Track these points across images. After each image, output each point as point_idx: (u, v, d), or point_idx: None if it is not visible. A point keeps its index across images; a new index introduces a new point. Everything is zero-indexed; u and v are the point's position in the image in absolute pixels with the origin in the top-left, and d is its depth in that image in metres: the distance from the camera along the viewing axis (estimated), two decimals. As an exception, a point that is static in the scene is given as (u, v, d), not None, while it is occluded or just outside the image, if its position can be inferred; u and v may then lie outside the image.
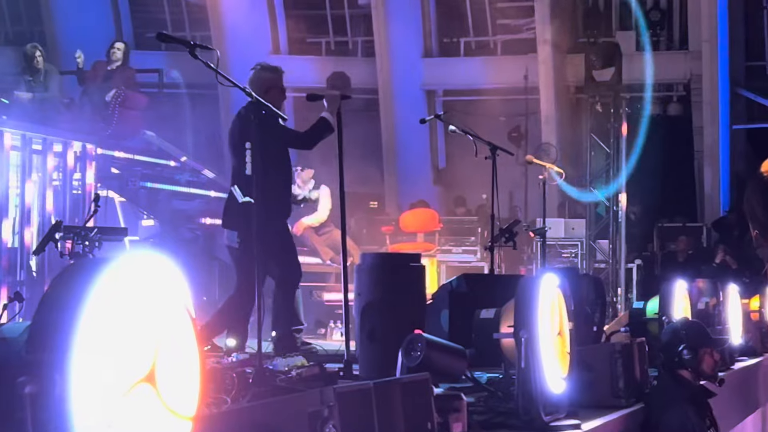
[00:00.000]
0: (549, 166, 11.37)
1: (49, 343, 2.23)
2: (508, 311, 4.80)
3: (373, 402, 3.14)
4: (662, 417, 5.67)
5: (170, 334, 2.51)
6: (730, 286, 8.89)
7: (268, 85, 7.68)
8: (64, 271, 2.35)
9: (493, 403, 5.00)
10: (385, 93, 19.48)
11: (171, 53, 17.20)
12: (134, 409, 2.37)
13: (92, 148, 11.16)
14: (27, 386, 2.18)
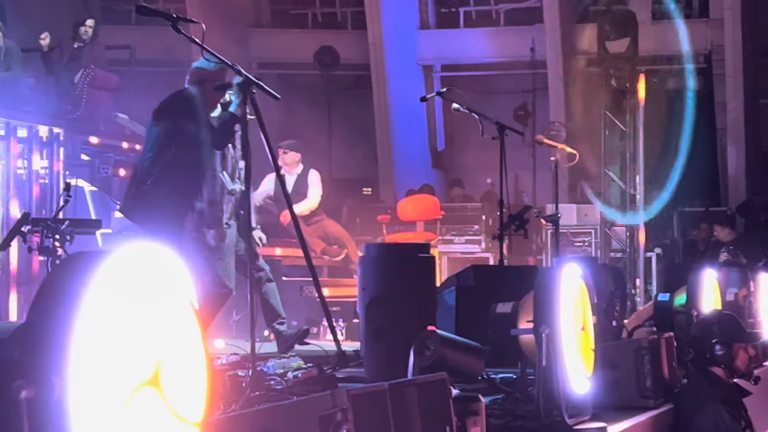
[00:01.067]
0: (561, 147, 11.40)
1: (45, 344, 2.24)
2: (527, 305, 4.83)
3: (388, 404, 3.16)
4: (694, 418, 5.70)
5: (175, 333, 2.53)
6: (761, 275, 8.92)
7: (203, 77, 7.66)
8: (60, 265, 2.36)
9: (511, 406, 5.03)
10: (377, 69, 19.48)
11: (143, 27, 17.17)
12: (138, 414, 2.39)
13: (60, 132, 11.16)
14: (23, 391, 2.20)
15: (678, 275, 10.27)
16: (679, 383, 6.12)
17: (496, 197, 10.50)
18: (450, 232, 14.74)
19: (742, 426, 5.84)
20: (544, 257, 14.05)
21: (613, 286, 7.53)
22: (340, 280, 12.46)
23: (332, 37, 19.53)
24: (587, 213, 14.70)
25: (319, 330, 11.55)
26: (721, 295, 7.65)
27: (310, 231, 12.36)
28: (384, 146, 19.44)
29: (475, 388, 4.99)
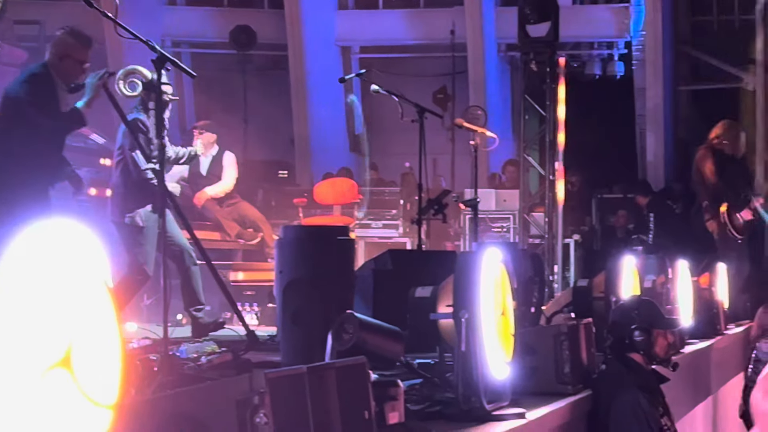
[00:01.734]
0: (480, 131, 11.44)
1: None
2: (447, 289, 4.83)
3: (306, 388, 3.15)
4: (611, 404, 5.76)
5: (88, 313, 2.49)
6: (679, 262, 9.05)
7: (65, 53, 7.59)
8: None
9: (429, 391, 5.04)
10: (294, 49, 19.40)
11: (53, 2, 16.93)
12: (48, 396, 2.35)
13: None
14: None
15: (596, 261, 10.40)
16: (598, 369, 6.19)
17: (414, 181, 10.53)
18: (368, 216, 14.74)
19: (659, 412, 5.91)
20: (463, 242, 14.12)
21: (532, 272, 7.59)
22: (255, 264, 12.42)
23: (249, 16, 19.41)
24: (506, 198, 14.79)
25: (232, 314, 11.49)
26: (640, 281, 7.74)
27: (224, 214, 12.30)
28: (301, 128, 19.39)
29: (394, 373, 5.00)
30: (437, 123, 14.41)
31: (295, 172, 18.84)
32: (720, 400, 10.27)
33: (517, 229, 14.48)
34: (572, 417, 5.56)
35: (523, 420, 4.76)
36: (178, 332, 8.11)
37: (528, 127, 14.59)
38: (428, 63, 19.54)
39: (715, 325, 10.20)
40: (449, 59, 18.80)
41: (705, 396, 9.62)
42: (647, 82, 18.69)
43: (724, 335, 10.43)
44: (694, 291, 9.28)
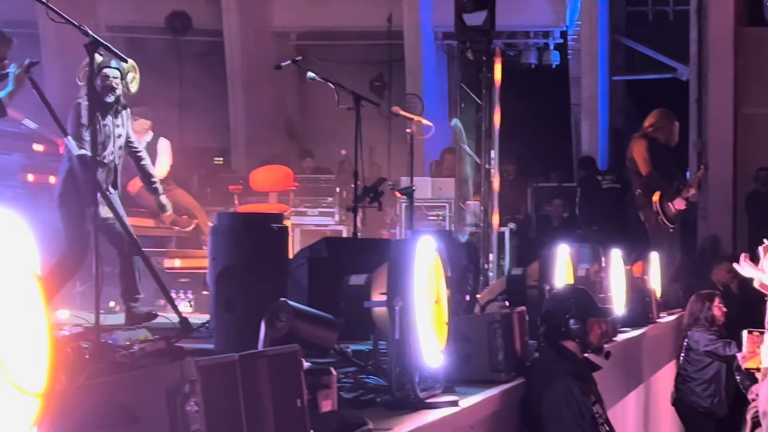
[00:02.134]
0: (417, 119, 11.46)
1: None
2: (381, 277, 4.84)
3: (238, 376, 3.14)
4: (544, 392, 5.81)
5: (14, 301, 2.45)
6: (612, 251, 9.13)
7: None
8: None
9: (363, 379, 5.05)
10: (231, 35, 19.29)
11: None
12: (-26, 385, 2.32)
13: None
14: None
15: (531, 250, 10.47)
16: (531, 357, 6.23)
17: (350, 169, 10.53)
18: (303, 203, 14.72)
19: (591, 400, 5.96)
20: (398, 230, 14.13)
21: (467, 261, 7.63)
22: (189, 251, 12.36)
23: (184, 1, 19.24)
24: (442, 187, 14.82)
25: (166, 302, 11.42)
26: (573, 270, 7.80)
27: (159, 200, 12.21)
28: (237, 115, 19.29)
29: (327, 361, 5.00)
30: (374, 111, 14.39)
31: (231, 158, 18.77)
32: (652, 387, 10.39)
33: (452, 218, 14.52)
34: (505, 405, 5.59)
35: (456, 408, 4.78)
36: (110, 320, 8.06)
37: (464, 115, 14.61)
38: (365, 50, 19.51)
39: (647, 313, 10.31)
40: (386, 47, 18.81)
41: (637, 384, 9.73)
42: (582, 72, 18.81)
43: (656, 323, 10.54)
44: (626, 279, 9.37)
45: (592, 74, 18.71)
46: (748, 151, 17.80)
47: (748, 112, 17.90)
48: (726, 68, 17.75)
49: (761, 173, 17.30)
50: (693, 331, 10.76)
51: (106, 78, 8.36)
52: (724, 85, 17.70)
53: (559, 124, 19.25)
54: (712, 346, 10.57)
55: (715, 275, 13.13)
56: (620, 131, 19.23)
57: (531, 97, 18.18)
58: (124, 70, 8.46)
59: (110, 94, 8.38)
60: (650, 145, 12.15)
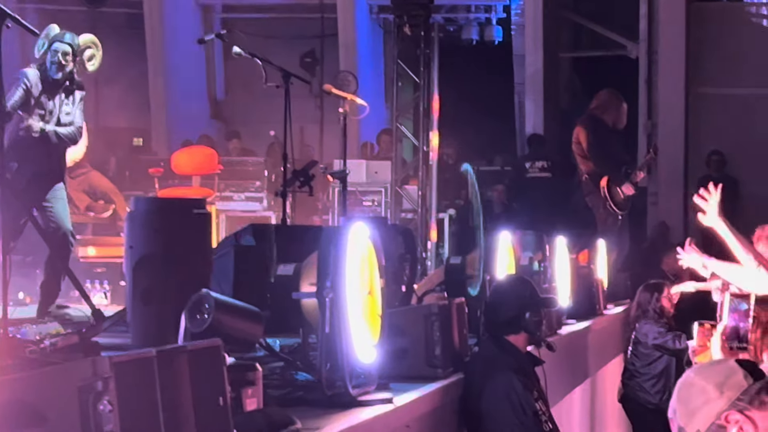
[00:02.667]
0: (350, 98, 11.44)
1: None
2: (310, 267, 4.84)
3: (155, 373, 3.12)
4: (484, 389, 5.83)
5: None
6: (557, 238, 9.19)
7: None
8: None
9: (292, 375, 5.04)
10: (151, 7, 19.15)
11: None
12: None
13: None
14: None
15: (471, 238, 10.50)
16: (470, 351, 6.25)
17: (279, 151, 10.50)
18: (229, 188, 14.66)
19: (534, 397, 5.99)
20: (331, 217, 14.12)
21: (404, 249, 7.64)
22: (106, 239, 12.27)
23: (101, -30, 19.08)
24: (377, 170, 14.82)
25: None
26: (516, 259, 7.83)
27: (74, 185, 12.10)
28: (157, 93, 19.14)
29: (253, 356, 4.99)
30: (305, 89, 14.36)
31: (151, 139, 18.63)
32: (598, 383, 10.48)
33: (389, 203, 14.53)
34: (443, 402, 5.61)
35: (391, 405, 4.79)
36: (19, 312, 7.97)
37: (401, 94, 14.63)
38: (295, 24, 19.43)
39: (593, 304, 10.38)
40: (318, 21, 18.74)
41: (583, 379, 9.80)
42: (526, 49, 18.86)
43: (602, 316, 10.63)
44: (572, 269, 9.44)
45: (537, 51, 18.76)
46: (700, 134, 17.97)
47: (701, 92, 18.07)
48: (677, 45, 17.88)
49: (713, 157, 17.48)
50: (641, 323, 10.85)
51: (55, 53, 8.27)
52: (676, 64, 17.84)
53: (502, 104, 19.31)
54: (661, 339, 10.66)
55: (665, 264, 13.24)
56: (566, 111, 19.32)
57: (472, 76, 18.23)
58: (77, 47, 8.36)
59: (59, 71, 8.27)
60: (597, 128, 12.24)
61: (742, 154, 17.56)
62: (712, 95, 18.00)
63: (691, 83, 17.95)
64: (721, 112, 17.87)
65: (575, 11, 19.85)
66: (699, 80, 18.04)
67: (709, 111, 18.00)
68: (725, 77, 18.10)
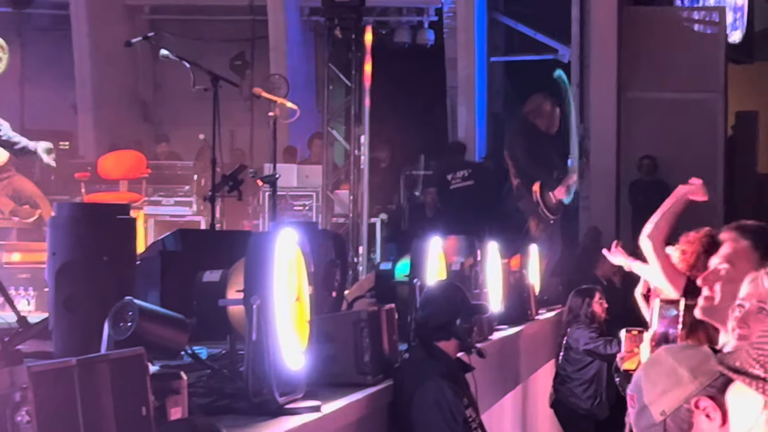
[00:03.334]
0: (281, 102, 11.42)
1: None
2: (237, 273, 4.81)
3: (76, 383, 3.08)
4: (414, 395, 5.82)
5: None
6: (489, 243, 9.20)
7: None
8: None
9: (218, 383, 5.01)
10: (78, 8, 19.01)
11: None
12: None
13: None
14: None
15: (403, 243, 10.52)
16: (400, 358, 6.24)
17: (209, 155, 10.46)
18: (157, 192, 14.58)
19: (464, 404, 6.00)
20: (261, 221, 14.09)
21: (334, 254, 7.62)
22: (31, 244, 12.15)
23: (26, -29, 18.91)
24: (309, 175, 14.82)
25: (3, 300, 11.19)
26: (447, 264, 7.83)
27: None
28: (84, 95, 19.00)
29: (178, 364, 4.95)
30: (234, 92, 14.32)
31: (78, 143, 18.48)
32: (530, 389, 10.52)
33: (319, 208, 14.52)
34: (372, 409, 5.60)
35: (319, 413, 4.78)
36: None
37: (333, 98, 14.62)
38: (225, 27, 19.38)
39: (525, 310, 10.41)
40: (248, 23, 18.70)
41: (514, 385, 9.83)
42: (459, 53, 18.91)
43: (534, 321, 10.67)
44: (503, 274, 9.46)
45: (469, 55, 18.83)
46: (632, 138, 18.13)
47: (632, 97, 18.22)
48: (609, 50, 18.02)
49: (645, 161, 17.65)
50: (572, 328, 10.91)
51: None
52: (607, 68, 17.98)
53: (434, 108, 19.35)
54: (592, 345, 10.73)
55: (598, 269, 13.34)
56: (499, 115, 19.41)
57: (404, 79, 18.25)
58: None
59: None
60: (530, 133, 12.30)
61: (673, 158, 17.74)
62: (643, 99, 18.15)
63: (622, 87, 18.10)
64: (653, 116, 18.03)
65: (507, 14, 19.94)
66: (631, 84, 18.20)
67: (641, 115, 18.16)
68: (657, 81, 18.27)
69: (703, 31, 19.27)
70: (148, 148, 16.79)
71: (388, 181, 16.86)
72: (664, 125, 18.07)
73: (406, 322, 6.58)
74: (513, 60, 20.27)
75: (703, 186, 5.74)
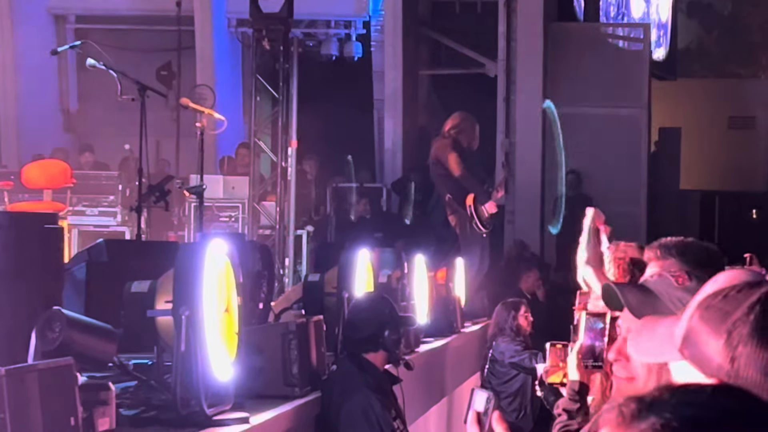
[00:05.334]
0: (208, 112, 11.39)
1: None
2: (166, 284, 4.78)
3: (4, 392, 3.06)
4: (342, 407, 5.83)
5: None
6: (416, 256, 9.24)
7: None
8: None
9: (145, 394, 4.99)
10: (1, 16, 18.82)
11: None
12: None
13: None
14: None
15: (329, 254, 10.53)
16: (328, 370, 6.24)
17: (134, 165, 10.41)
18: (82, 202, 14.47)
19: (392, 415, 6.01)
20: (186, 232, 14.02)
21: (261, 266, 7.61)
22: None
23: (-52, -23, 18.70)
24: (235, 186, 14.77)
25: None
26: (374, 276, 7.85)
27: None
28: (8, 104, 18.80)
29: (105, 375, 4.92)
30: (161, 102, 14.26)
31: (1, 152, 18.29)
32: (455, 401, 10.54)
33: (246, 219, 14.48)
34: (300, 421, 5.60)
35: (247, 425, 4.77)
36: None
37: (260, 109, 14.60)
38: (152, 36, 19.28)
39: (451, 322, 10.45)
40: (175, 33, 18.60)
41: (440, 397, 9.86)
42: (386, 66, 18.97)
43: (460, 333, 10.71)
44: (430, 287, 9.49)
45: (396, 68, 18.89)
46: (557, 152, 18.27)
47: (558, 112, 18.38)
48: (535, 65, 18.18)
49: (570, 176, 17.80)
50: (498, 341, 10.97)
51: None
52: (533, 83, 18.13)
53: (361, 121, 19.38)
54: (517, 358, 10.79)
55: (523, 283, 13.43)
56: (425, 129, 19.48)
57: (332, 92, 18.27)
58: None
59: None
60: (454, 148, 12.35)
61: (596, 172, 17.92)
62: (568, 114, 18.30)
63: (548, 102, 18.25)
64: (578, 130, 18.19)
65: (434, 29, 20.03)
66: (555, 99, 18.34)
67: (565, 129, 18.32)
68: (582, 96, 18.45)
69: (627, 47, 19.52)
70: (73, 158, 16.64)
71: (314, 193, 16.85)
72: (588, 140, 18.25)
73: (333, 334, 6.59)
74: (440, 74, 20.37)
75: (597, 212, 5.97)
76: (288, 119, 14.07)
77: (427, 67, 20.29)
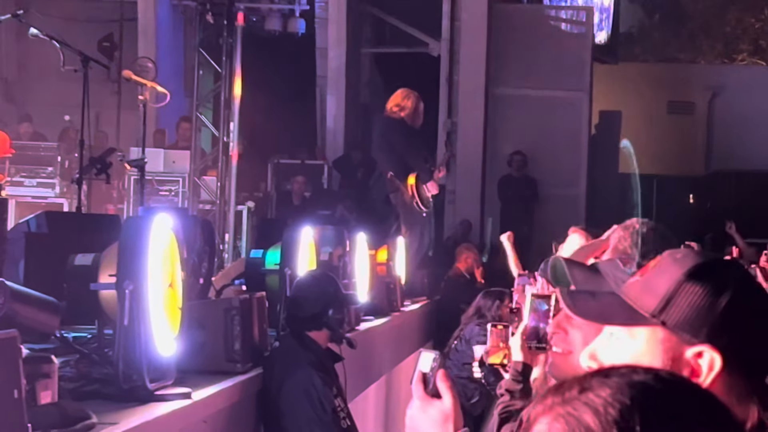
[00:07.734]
0: (150, 85, 11.31)
1: None
2: (110, 257, 4.75)
3: (-52, 365, 3.03)
4: (284, 384, 5.83)
5: None
6: (358, 234, 9.24)
7: None
8: None
9: (86, 368, 4.96)
10: (-60, -18, 18.58)
11: None
12: None
13: None
14: None
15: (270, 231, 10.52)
16: (270, 346, 6.25)
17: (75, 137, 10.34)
18: (20, 173, 14.35)
19: (333, 393, 6.03)
20: (126, 206, 13.94)
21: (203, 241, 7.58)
22: None
23: None
24: (176, 160, 14.69)
25: None
26: (317, 254, 7.84)
27: None
28: (-55, 73, 18.62)
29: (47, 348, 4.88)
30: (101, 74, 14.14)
31: (-62, 122, 18.10)
32: (394, 380, 10.58)
33: (186, 193, 14.42)
34: (242, 397, 5.59)
35: (189, 400, 4.75)
36: None
37: (202, 83, 14.53)
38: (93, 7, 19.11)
39: (391, 301, 10.47)
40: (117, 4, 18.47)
41: (379, 375, 9.89)
42: (329, 43, 18.93)
43: (400, 312, 10.73)
44: (370, 265, 9.50)
45: (340, 45, 18.85)
46: (499, 134, 18.34)
47: (501, 93, 18.44)
48: (478, 46, 18.21)
49: (516, 157, 17.86)
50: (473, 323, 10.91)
51: None
52: (476, 64, 18.16)
53: (304, 97, 19.34)
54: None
55: (462, 263, 13.45)
56: (367, 107, 19.47)
57: (275, 67, 18.20)
58: None
59: None
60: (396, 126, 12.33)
61: (540, 154, 18.00)
62: (510, 96, 18.38)
63: (491, 83, 18.30)
64: (520, 112, 18.27)
65: (378, 7, 20.00)
66: (499, 81, 18.41)
67: (507, 112, 18.39)
68: (524, 78, 18.52)
69: (570, 30, 19.59)
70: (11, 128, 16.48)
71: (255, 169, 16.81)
72: (531, 122, 18.32)
73: (275, 311, 6.58)
74: (383, 52, 20.34)
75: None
76: (230, 94, 14.02)
77: (371, 45, 20.27)
